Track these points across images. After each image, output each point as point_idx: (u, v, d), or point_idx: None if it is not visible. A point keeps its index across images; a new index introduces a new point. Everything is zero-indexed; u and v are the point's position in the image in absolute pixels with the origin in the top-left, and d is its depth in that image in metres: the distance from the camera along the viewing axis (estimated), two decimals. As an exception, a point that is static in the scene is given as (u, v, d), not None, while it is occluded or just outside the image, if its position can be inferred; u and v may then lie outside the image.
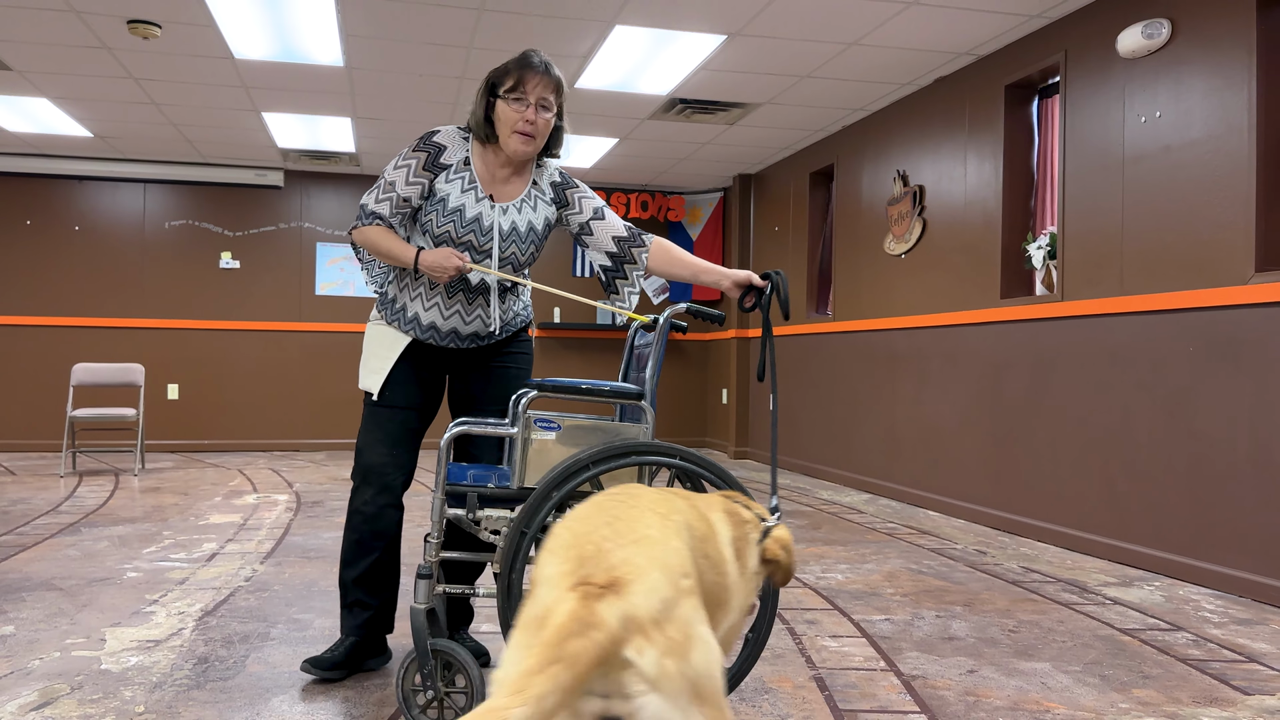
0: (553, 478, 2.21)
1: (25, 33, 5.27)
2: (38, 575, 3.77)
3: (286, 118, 6.98)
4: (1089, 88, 4.62)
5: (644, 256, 2.66)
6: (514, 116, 2.48)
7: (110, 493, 6.06)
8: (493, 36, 5.23)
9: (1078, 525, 4.61)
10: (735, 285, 2.53)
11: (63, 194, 8.52)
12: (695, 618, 1.37)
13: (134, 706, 2.38)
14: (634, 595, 1.31)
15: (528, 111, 2.48)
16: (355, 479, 2.66)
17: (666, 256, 2.66)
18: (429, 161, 2.55)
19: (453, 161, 2.56)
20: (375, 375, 2.63)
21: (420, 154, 2.55)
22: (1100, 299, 4.47)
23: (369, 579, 2.63)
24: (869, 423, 6.57)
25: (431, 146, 2.56)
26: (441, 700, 2.21)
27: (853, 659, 2.88)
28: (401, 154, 2.58)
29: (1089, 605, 3.57)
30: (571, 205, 2.69)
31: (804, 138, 7.37)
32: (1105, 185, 4.50)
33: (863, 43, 5.23)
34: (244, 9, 4.86)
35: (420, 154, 2.55)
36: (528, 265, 2.67)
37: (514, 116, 2.48)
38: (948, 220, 5.71)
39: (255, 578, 3.79)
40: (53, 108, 6.80)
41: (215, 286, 8.78)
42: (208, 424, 8.76)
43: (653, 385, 2.42)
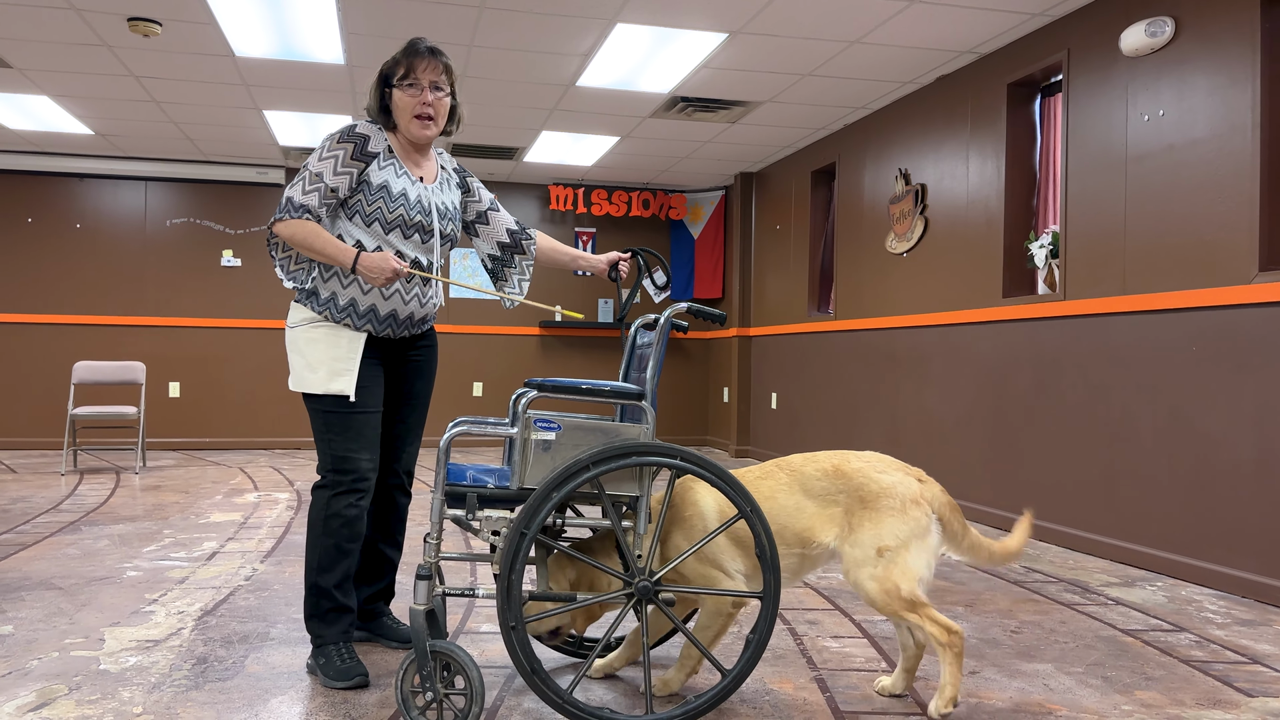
0: (552, 479, 2.20)
1: (26, 30, 5.26)
2: (37, 574, 3.77)
3: (287, 115, 6.97)
4: (1092, 86, 4.60)
5: (533, 248, 2.94)
6: (410, 102, 2.61)
7: (111, 491, 6.05)
8: (493, 34, 5.21)
9: (1079, 525, 4.59)
10: (607, 263, 2.87)
11: (64, 192, 8.51)
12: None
13: (132, 707, 2.38)
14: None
15: (423, 95, 2.61)
16: (331, 484, 2.61)
17: (549, 247, 2.96)
18: (356, 151, 2.60)
19: (379, 150, 2.64)
20: (345, 378, 2.58)
21: (347, 144, 2.60)
22: (1102, 298, 4.46)
23: (346, 582, 2.62)
24: (870, 422, 6.56)
25: (356, 137, 2.61)
26: (441, 702, 2.20)
27: (854, 660, 2.87)
28: (324, 147, 2.60)
29: (1091, 606, 3.55)
30: (472, 192, 2.90)
31: (805, 136, 7.35)
32: (1108, 184, 4.49)
33: (864, 41, 5.21)
34: (244, 6, 4.85)
35: (347, 144, 2.60)
36: (453, 243, 2.80)
37: (410, 102, 2.61)
38: (950, 219, 5.70)
39: (255, 577, 3.78)
40: (54, 105, 6.79)
41: (217, 284, 8.77)
42: (209, 422, 8.75)
43: (653, 385, 2.41)
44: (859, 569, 2.36)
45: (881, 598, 2.34)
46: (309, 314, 2.63)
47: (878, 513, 2.37)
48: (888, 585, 2.33)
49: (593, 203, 9.28)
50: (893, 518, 2.37)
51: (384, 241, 2.61)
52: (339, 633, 2.61)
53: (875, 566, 2.34)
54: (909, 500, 2.39)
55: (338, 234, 2.63)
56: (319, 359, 2.60)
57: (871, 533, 2.36)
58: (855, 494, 2.40)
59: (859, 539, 2.37)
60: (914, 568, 2.35)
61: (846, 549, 2.39)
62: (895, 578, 2.33)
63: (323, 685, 2.55)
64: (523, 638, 2.16)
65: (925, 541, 2.37)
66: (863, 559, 2.36)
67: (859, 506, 2.39)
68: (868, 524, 2.37)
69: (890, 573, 2.33)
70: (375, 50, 5.48)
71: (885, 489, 2.39)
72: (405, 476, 2.89)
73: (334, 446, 2.60)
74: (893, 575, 2.33)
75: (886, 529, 2.36)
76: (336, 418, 2.60)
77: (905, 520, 2.37)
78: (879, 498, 2.38)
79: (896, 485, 2.40)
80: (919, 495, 2.40)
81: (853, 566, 2.37)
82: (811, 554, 2.43)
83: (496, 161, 8.42)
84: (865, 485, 2.41)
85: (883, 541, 2.35)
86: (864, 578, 2.35)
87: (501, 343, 9.32)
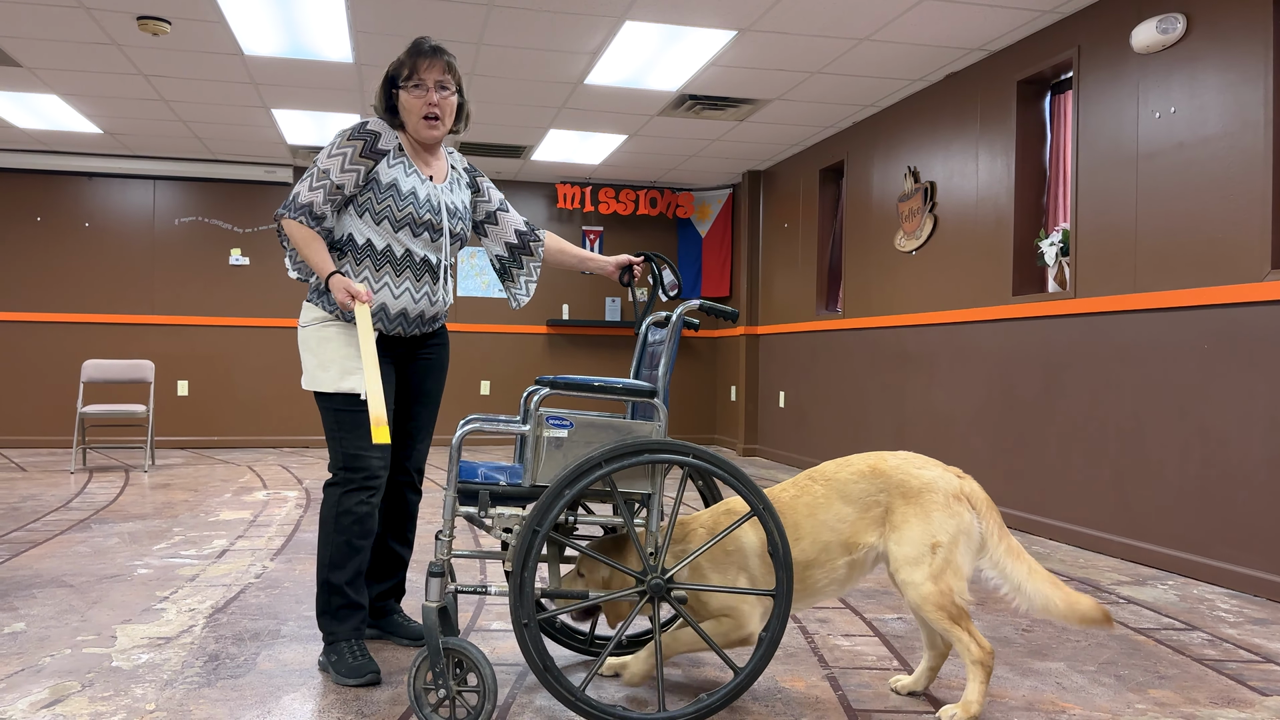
0: (565, 476, 2.20)
1: (35, 29, 5.27)
2: (48, 572, 3.78)
3: (296, 114, 6.98)
4: (1102, 83, 4.58)
5: (540, 250, 2.94)
6: (417, 103, 2.62)
7: (120, 489, 6.07)
8: (502, 32, 5.21)
9: (1090, 524, 4.58)
10: (617, 266, 2.85)
11: (73, 191, 8.53)
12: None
13: (145, 704, 2.38)
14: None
15: (429, 95, 2.62)
16: (342, 481, 2.62)
17: (557, 248, 2.95)
18: (366, 149, 2.61)
19: (389, 148, 2.64)
20: (355, 376, 2.59)
21: (356, 142, 2.60)
22: (1113, 296, 4.44)
23: (358, 579, 2.63)
24: (878, 420, 6.55)
25: (367, 134, 2.62)
26: (454, 699, 2.20)
27: (865, 658, 2.87)
28: (334, 143, 2.61)
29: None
30: (481, 192, 2.90)
31: (814, 134, 7.34)
32: (1119, 181, 4.47)
33: (874, 38, 5.20)
34: (254, 5, 4.85)
35: (356, 142, 2.60)
36: (463, 242, 2.80)
37: (417, 103, 2.62)
38: (959, 217, 5.68)
39: (266, 574, 3.79)
40: (62, 104, 6.80)
41: (225, 283, 8.79)
42: (217, 420, 8.77)
43: (665, 383, 2.41)
44: (913, 567, 2.28)
45: (935, 599, 2.26)
46: (320, 313, 2.64)
47: (924, 508, 2.31)
48: (943, 586, 2.26)
49: (600, 201, 9.28)
50: (940, 513, 2.30)
51: (393, 239, 2.61)
52: (351, 629, 2.61)
53: (930, 565, 2.27)
54: (952, 495, 2.33)
55: (348, 232, 2.63)
56: (330, 358, 2.61)
57: (921, 528, 2.29)
58: (897, 491, 2.34)
59: (908, 535, 2.30)
60: (965, 568, 2.29)
61: (894, 547, 2.31)
62: (950, 579, 2.26)
63: (335, 682, 2.55)
64: (535, 635, 2.16)
65: (971, 539, 2.32)
66: (916, 556, 2.28)
67: (902, 503, 2.33)
68: (915, 520, 2.30)
69: (945, 574, 2.26)
70: (384, 48, 5.48)
71: (928, 484, 2.34)
72: (416, 474, 2.89)
73: (345, 444, 2.61)
74: (947, 576, 2.26)
75: (937, 524, 2.29)
76: (348, 416, 2.61)
77: (952, 516, 2.30)
78: (922, 493, 2.32)
79: (938, 480, 2.35)
80: (961, 490, 2.35)
81: (904, 564, 2.29)
82: (859, 558, 2.36)
83: (504, 160, 8.42)
84: (907, 481, 2.34)
85: (935, 537, 2.28)
86: (919, 578, 2.27)
87: (509, 341, 9.33)
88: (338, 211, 2.64)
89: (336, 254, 2.66)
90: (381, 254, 2.62)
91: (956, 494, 2.34)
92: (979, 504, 2.36)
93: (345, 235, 2.64)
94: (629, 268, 2.85)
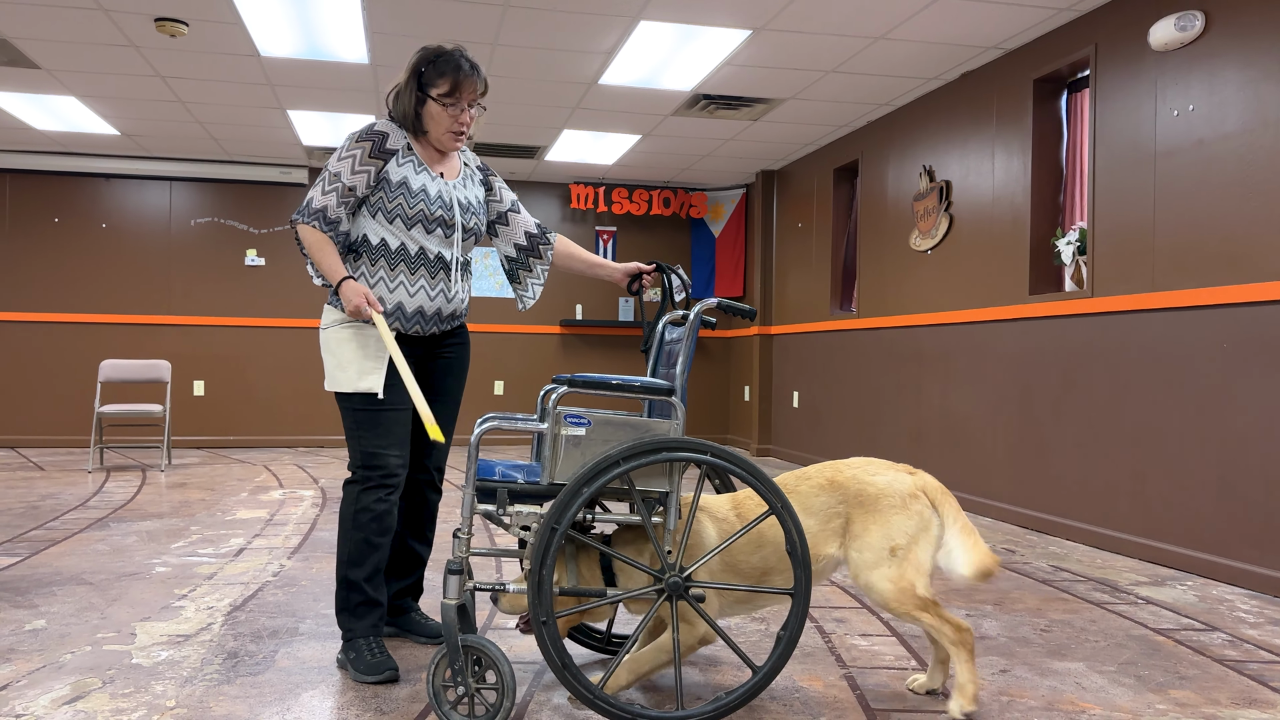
0: (583, 474, 2.20)
1: (53, 31, 5.31)
2: (68, 570, 3.80)
3: (311, 115, 7.00)
4: (1120, 81, 4.56)
5: (550, 254, 2.93)
6: (448, 119, 2.65)
7: (138, 488, 6.10)
8: (517, 33, 5.22)
9: (1107, 524, 4.56)
10: (625, 274, 2.83)
11: (90, 192, 8.59)
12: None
13: (165, 700, 2.39)
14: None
15: (462, 115, 2.65)
16: (361, 479, 2.64)
17: (566, 252, 2.94)
18: (375, 150, 2.63)
19: (398, 147, 2.66)
20: (373, 376, 2.61)
21: (365, 143, 2.62)
22: (1131, 295, 4.42)
23: (377, 576, 2.64)
24: (894, 420, 6.53)
25: (375, 135, 2.64)
26: (472, 696, 2.20)
27: (883, 657, 2.86)
28: (344, 147, 2.64)
29: (1121, 605, 3.52)
30: (494, 192, 2.90)
31: (828, 133, 7.32)
32: (1136, 180, 4.45)
33: (889, 37, 5.19)
34: (270, 6, 4.87)
35: (365, 143, 2.62)
36: (476, 237, 2.80)
37: (448, 119, 2.65)
38: (975, 216, 5.66)
39: (283, 573, 3.80)
40: (80, 106, 6.85)
41: (241, 283, 8.83)
42: (233, 420, 8.81)
43: (683, 381, 2.41)
44: (871, 570, 2.37)
45: (897, 597, 2.35)
46: (339, 315, 2.66)
47: (881, 513, 2.40)
48: (903, 584, 2.35)
49: (613, 201, 9.28)
50: (898, 515, 2.39)
51: (406, 237, 2.62)
52: (369, 626, 2.62)
53: (889, 567, 2.36)
54: (907, 495, 2.41)
55: (363, 233, 2.65)
56: (349, 358, 2.62)
57: (880, 534, 2.38)
58: (854, 501, 2.42)
59: (868, 542, 2.38)
60: (925, 563, 2.38)
61: (854, 554, 2.40)
62: (910, 576, 2.35)
63: (353, 679, 2.56)
64: (554, 633, 2.16)
65: (930, 534, 2.40)
66: (874, 560, 2.37)
67: (860, 512, 2.41)
68: (874, 526, 2.39)
69: (905, 571, 2.36)
70: (400, 49, 5.50)
71: (883, 489, 2.42)
72: (436, 473, 2.90)
73: (363, 443, 2.62)
74: (907, 574, 2.36)
75: (895, 527, 2.38)
76: (366, 415, 2.62)
77: (909, 515, 2.39)
78: (879, 499, 2.41)
79: (893, 483, 2.43)
80: (914, 488, 2.43)
81: (864, 569, 2.38)
82: (818, 569, 2.44)
83: (518, 160, 8.43)
84: (863, 490, 2.43)
85: (894, 540, 2.37)
86: (877, 579, 2.36)
87: (522, 341, 9.34)
88: (352, 214, 2.65)
89: (352, 255, 2.67)
90: (395, 253, 2.63)
91: (911, 493, 2.42)
92: (934, 495, 2.44)
93: (360, 236, 2.65)
94: (638, 276, 2.84)
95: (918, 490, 2.43)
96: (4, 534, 4.50)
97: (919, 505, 2.41)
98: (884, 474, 2.46)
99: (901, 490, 2.42)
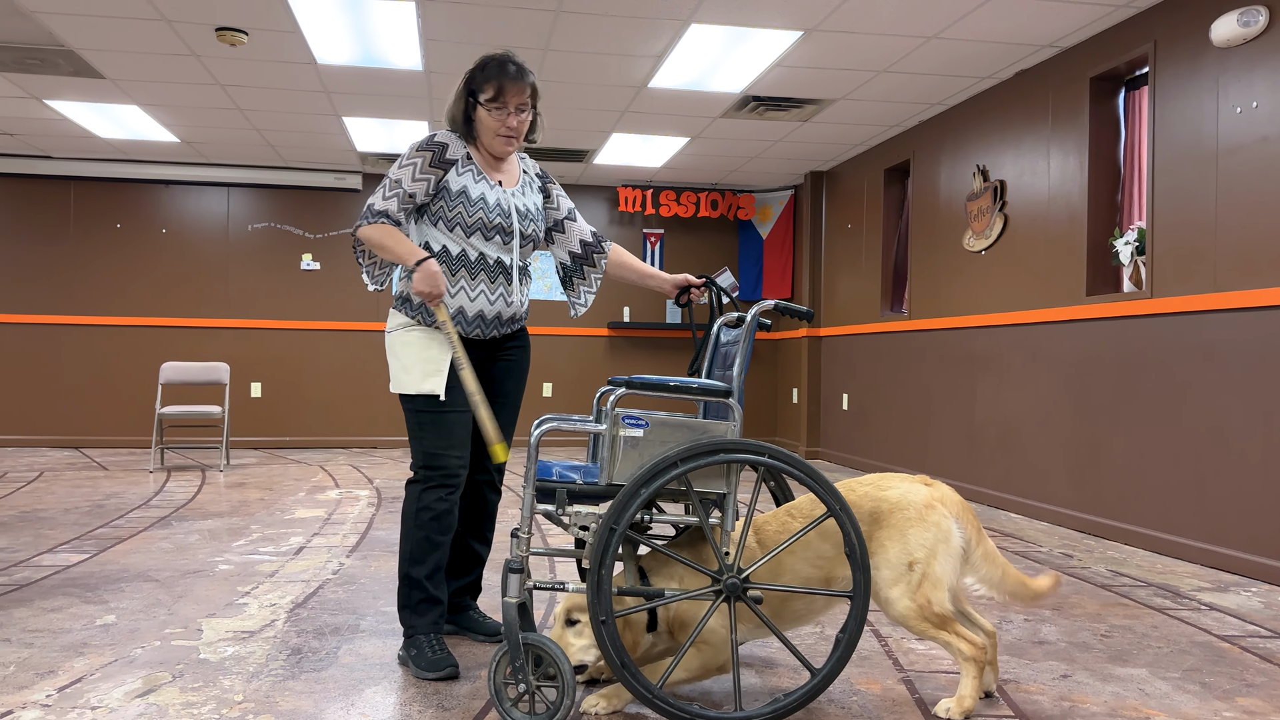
0: (641, 475, 2.22)
1: (118, 42, 5.45)
2: (134, 567, 3.90)
3: (366, 122, 7.11)
4: (1180, 78, 4.48)
5: (604, 262, 2.98)
6: (495, 124, 2.69)
7: (198, 488, 6.24)
8: (568, 38, 5.26)
9: (1167, 529, 4.48)
10: (674, 286, 2.86)
11: (151, 198, 8.80)
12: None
13: (233, 695, 2.45)
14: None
15: (509, 119, 2.69)
16: (422, 479, 2.69)
17: (619, 261, 2.98)
18: (435, 159, 2.68)
19: (457, 157, 2.71)
20: (436, 378, 2.66)
21: (426, 153, 2.68)
22: (1193, 295, 4.34)
23: (437, 574, 2.68)
24: (946, 423, 6.47)
25: (435, 145, 2.69)
26: (533, 694, 2.23)
27: (941, 662, 2.84)
28: (405, 155, 2.70)
29: (1183, 610, 3.46)
30: (551, 199, 2.94)
31: (879, 133, 7.28)
32: (1197, 178, 4.37)
33: (942, 36, 5.15)
34: (328, 14, 4.96)
35: (426, 153, 2.68)
36: (535, 244, 2.84)
37: (495, 124, 2.69)
38: (1030, 216, 5.60)
39: (342, 571, 3.87)
40: (142, 114, 7.02)
41: (297, 287, 8.99)
42: (290, 421, 8.97)
43: (740, 383, 2.41)
44: (889, 588, 2.33)
45: (914, 614, 2.30)
46: (404, 319, 2.72)
47: (897, 528, 2.35)
48: (920, 600, 2.30)
49: (661, 204, 9.30)
50: (914, 528, 2.34)
51: (466, 245, 2.67)
52: (429, 623, 2.67)
53: (906, 582, 2.31)
54: (923, 506, 2.36)
55: (422, 241, 2.71)
56: (412, 361, 2.68)
57: (898, 549, 2.33)
58: (869, 519, 2.37)
59: (885, 559, 2.34)
60: (943, 577, 2.32)
61: (873, 573, 2.35)
62: (927, 592, 2.30)
63: (414, 676, 2.60)
64: (613, 632, 2.18)
65: (950, 545, 2.34)
66: (893, 578, 2.32)
67: (877, 530, 2.37)
68: (890, 543, 2.34)
69: (922, 587, 2.30)
70: (453, 56, 5.57)
71: (897, 503, 2.37)
72: (495, 474, 2.94)
73: (425, 444, 2.67)
74: (924, 590, 2.30)
75: (912, 541, 2.33)
76: (428, 417, 2.67)
77: (926, 527, 2.34)
78: (893, 514, 2.36)
79: (907, 495, 2.38)
80: (931, 499, 2.37)
81: (882, 586, 2.34)
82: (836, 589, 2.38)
83: (567, 164, 8.49)
84: (878, 508, 2.38)
85: (911, 555, 2.32)
86: (895, 596, 2.31)
87: (571, 344, 9.39)
88: (412, 221, 2.71)
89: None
90: (456, 259, 2.68)
91: (928, 503, 2.36)
92: (953, 507, 2.38)
93: (422, 244, 2.72)
94: (686, 289, 2.87)
95: (934, 501, 2.37)
96: (72, 532, 4.63)
97: (936, 515, 2.34)
98: (897, 486, 2.41)
99: (917, 501, 2.36)
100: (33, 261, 8.64)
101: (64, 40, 5.41)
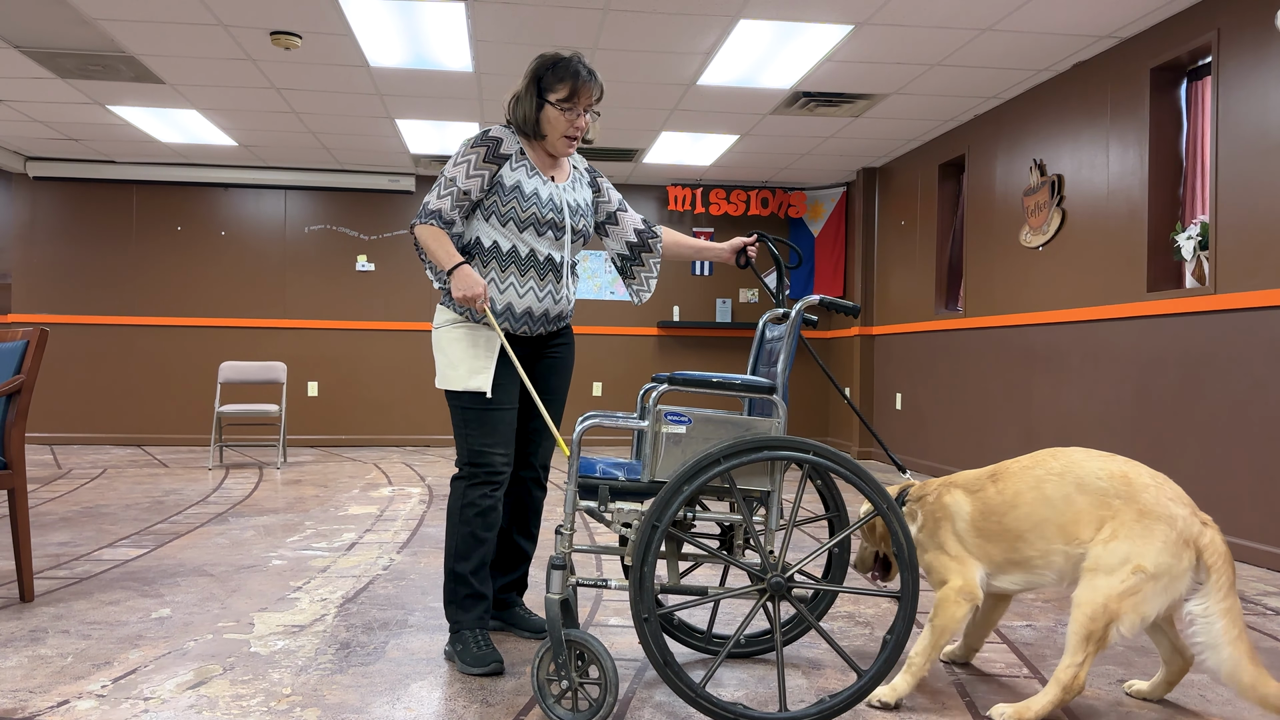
0: (684, 472, 2.20)
1: (176, 47, 5.57)
2: (190, 561, 3.98)
3: (418, 124, 7.18)
4: (1245, 68, 4.35)
5: (659, 246, 2.98)
6: (564, 124, 2.71)
7: (255, 484, 6.35)
8: (617, 36, 5.26)
9: (1232, 531, 4.34)
10: (732, 251, 2.92)
11: (210, 201, 8.98)
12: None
13: (282, 688, 2.48)
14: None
15: (579, 121, 2.72)
16: (467, 475, 2.70)
17: (673, 241, 3.00)
18: (489, 155, 2.69)
19: (511, 152, 2.72)
20: (482, 375, 2.67)
21: (480, 149, 2.69)
22: (1259, 291, 4.20)
23: (482, 570, 2.69)
24: (1003, 423, 6.35)
25: (490, 141, 2.70)
26: (576, 690, 2.23)
27: (994, 665, 2.78)
28: (459, 152, 2.71)
29: (1249, 616, 3.35)
30: (601, 192, 2.96)
31: (933, 128, 7.17)
32: (1263, 170, 4.23)
33: (997, 28, 5.05)
34: (380, 17, 5.02)
35: (480, 149, 2.69)
36: (585, 239, 2.85)
37: (564, 124, 2.71)
38: (1089, 210, 5.47)
39: (393, 567, 3.91)
40: (201, 119, 7.17)
41: (352, 288, 9.11)
42: (345, 420, 9.10)
43: (784, 379, 2.38)
44: (1095, 573, 2.21)
45: (1095, 610, 2.18)
46: (451, 315, 2.73)
47: (1148, 533, 2.20)
48: (1111, 604, 2.17)
49: (711, 202, 9.26)
50: (1160, 546, 2.18)
51: (518, 240, 2.68)
52: (475, 619, 2.68)
53: (1120, 579, 2.18)
54: (1185, 539, 2.19)
55: (475, 235, 2.72)
56: (459, 357, 2.69)
57: (1131, 546, 2.20)
58: (1133, 505, 2.23)
59: (1115, 547, 2.20)
60: (1147, 610, 2.18)
61: (1097, 548, 2.23)
62: (1126, 606, 2.17)
63: (460, 671, 2.61)
64: (655, 629, 2.17)
65: (1175, 587, 2.19)
66: (1113, 565, 2.19)
67: (1131, 519, 2.22)
68: (1135, 538, 2.20)
69: (1127, 597, 2.17)
70: (503, 57, 5.60)
71: (1166, 516, 2.21)
72: (541, 470, 2.94)
73: (471, 440, 2.68)
74: (1126, 601, 2.17)
75: (1151, 551, 2.18)
76: (474, 413, 2.68)
77: (1169, 554, 2.18)
78: (1157, 521, 2.20)
79: (1180, 519, 2.21)
80: (1195, 539, 2.20)
81: (1092, 565, 2.22)
82: (1074, 552, 2.29)
83: (616, 164, 8.49)
84: (1153, 508, 2.22)
85: (1141, 560, 2.18)
86: (1101, 582, 2.19)
87: (620, 343, 9.40)
88: (466, 217, 2.72)
89: (465, 257, 2.73)
90: (507, 255, 2.68)
91: (1190, 539, 2.20)
92: (1214, 558, 2.19)
93: (473, 239, 2.72)
94: (744, 250, 2.91)
95: (1195, 542, 2.20)
96: (132, 527, 4.73)
97: (1187, 554, 2.18)
98: (1179, 505, 2.23)
99: (1184, 530, 2.20)
100: (97, 264, 8.87)
101: (125, 46, 5.54)
